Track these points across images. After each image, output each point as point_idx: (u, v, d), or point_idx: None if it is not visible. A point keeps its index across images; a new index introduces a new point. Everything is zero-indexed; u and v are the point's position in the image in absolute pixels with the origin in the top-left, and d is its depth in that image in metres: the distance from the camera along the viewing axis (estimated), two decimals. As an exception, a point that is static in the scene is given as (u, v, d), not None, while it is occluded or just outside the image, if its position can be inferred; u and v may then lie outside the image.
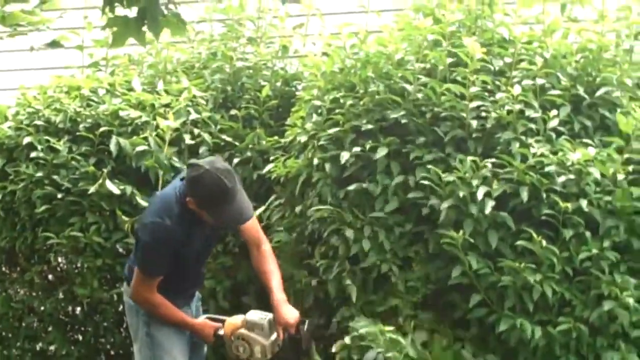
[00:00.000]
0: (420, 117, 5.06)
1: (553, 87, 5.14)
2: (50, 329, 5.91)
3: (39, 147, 5.66)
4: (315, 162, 5.14)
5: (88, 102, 5.91)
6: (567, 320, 4.65)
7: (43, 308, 5.86)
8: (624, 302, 4.61)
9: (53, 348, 5.91)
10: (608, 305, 4.62)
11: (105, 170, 5.52)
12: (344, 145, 5.09)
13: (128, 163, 5.64)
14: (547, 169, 4.78)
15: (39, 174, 5.59)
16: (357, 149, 5.01)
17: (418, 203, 4.90)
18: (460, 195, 4.72)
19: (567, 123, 5.07)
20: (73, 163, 5.63)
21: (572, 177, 4.77)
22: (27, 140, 5.69)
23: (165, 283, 4.56)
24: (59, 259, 5.79)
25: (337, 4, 6.66)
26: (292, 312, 4.57)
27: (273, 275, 4.64)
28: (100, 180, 5.47)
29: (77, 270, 5.69)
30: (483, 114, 5.00)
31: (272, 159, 5.52)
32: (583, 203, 4.69)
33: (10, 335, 6.02)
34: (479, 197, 4.69)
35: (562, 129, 5.02)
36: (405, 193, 4.92)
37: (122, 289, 4.96)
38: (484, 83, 5.05)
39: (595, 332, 4.72)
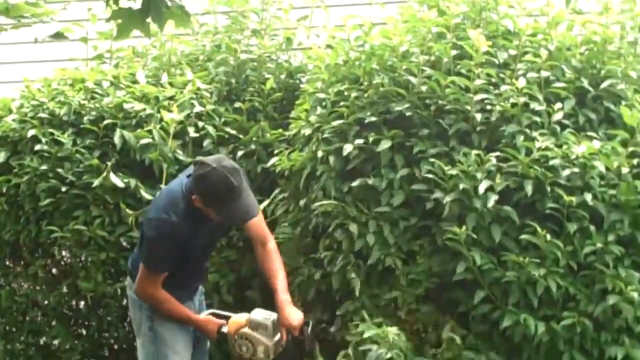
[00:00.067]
0: (425, 109, 5.03)
1: (557, 79, 5.11)
2: (54, 323, 5.90)
3: (43, 139, 5.65)
4: (320, 154, 5.13)
5: (92, 94, 5.90)
6: (571, 315, 4.63)
7: (47, 302, 5.85)
8: (629, 296, 4.59)
9: (57, 342, 5.91)
10: (612, 300, 4.60)
11: (110, 163, 5.50)
12: (348, 138, 5.08)
13: (132, 156, 5.63)
14: (551, 163, 4.75)
15: (43, 167, 5.58)
16: (360, 141, 4.99)
17: (423, 197, 4.87)
18: (462, 189, 4.69)
19: (571, 116, 5.05)
20: (77, 156, 5.62)
21: (576, 170, 4.74)
22: (31, 133, 5.68)
23: (170, 278, 4.56)
24: (63, 253, 5.78)
25: (341, -4, 6.64)
26: (296, 313, 4.56)
27: (278, 275, 4.62)
28: (105, 173, 5.46)
29: (81, 264, 5.68)
30: (487, 107, 4.97)
31: (276, 152, 5.51)
32: (587, 197, 4.66)
33: (14, 329, 6.02)
34: (481, 190, 4.67)
35: (566, 122, 5.00)
36: (410, 186, 4.90)
37: (125, 283, 4.96)
38: (489, 76, 5.02)
39: (600, 327, 4.70)
